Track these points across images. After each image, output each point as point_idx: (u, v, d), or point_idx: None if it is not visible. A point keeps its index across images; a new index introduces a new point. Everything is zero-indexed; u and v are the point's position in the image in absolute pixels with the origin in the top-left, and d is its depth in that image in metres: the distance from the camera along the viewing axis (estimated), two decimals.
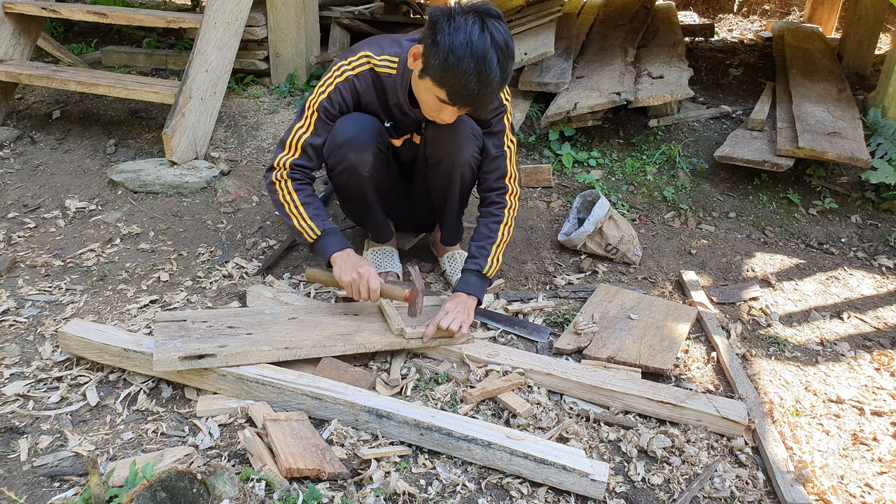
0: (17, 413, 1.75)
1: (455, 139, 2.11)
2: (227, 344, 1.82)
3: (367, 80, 2.09)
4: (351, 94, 2.10)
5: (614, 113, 3.55)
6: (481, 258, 2.17)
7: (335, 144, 2.10)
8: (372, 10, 4.34)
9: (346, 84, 2.08)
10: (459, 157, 2.14)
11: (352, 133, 2.09)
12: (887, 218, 3.10)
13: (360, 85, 2.09)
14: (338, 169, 2.15)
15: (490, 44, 1.78)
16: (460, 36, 1.77)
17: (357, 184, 2.19)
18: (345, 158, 2.11)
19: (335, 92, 2.08)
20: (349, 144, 2.09)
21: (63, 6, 3.44)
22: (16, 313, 2.16)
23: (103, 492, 1.38)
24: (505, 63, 1.82)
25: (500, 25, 1.81)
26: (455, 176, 2.20)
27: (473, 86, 1.80)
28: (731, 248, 2.88)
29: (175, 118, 3.01)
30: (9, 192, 2.96)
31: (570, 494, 1.61)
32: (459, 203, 2.34)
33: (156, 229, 2.73)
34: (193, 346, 1.79)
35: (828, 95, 3.55)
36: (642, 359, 2.03)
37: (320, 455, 1.59)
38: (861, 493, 1.69)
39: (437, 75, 1.82)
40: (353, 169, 2.13)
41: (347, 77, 2.08)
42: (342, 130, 2.10)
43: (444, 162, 2.17)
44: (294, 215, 2.09)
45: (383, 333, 2.00)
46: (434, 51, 1.81)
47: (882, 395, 2.06)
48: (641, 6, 4.64)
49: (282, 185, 2.10)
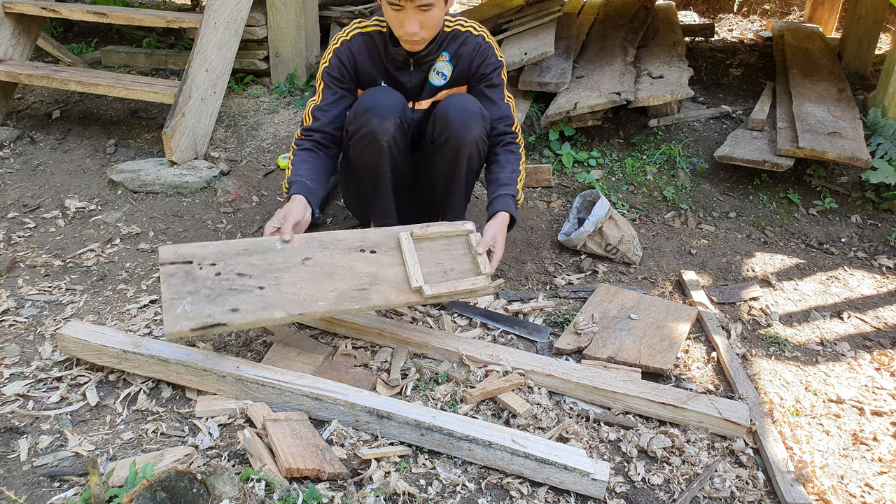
0: (17, 413, 1.75)
1: (464, 118, 2.17)
2: (239, 308, 1.72)
3: (359, 41, 2.24)
4: (347, 57, 2.24)
5: (614, 113, 3.55)
6: (513, 185, 2.23)
7: (360, 110, 2.20)
8: (372, 9, 4.34)
9: (342, 48, 2.24)
10: (467, 135, 2.18)
11: (377, 101, 2.18)
12: (887, 218, 3.10)
13: (355, 47, 2.24)
14: (358, 134, 2.19)
15: None
16: None
17: (374, 153, 2.21)
18: (367, 123, 2.16)
19: (334, 57, 2.24)
20: (373, 110, 2.16)
21: (63, 6, 3.44)
22: (16, 313, 2.16)
23: (103, 492, 1.38)
24: None
25: None
26: (462, 156, 2.22)
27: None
28: (731, 248, 2.88)
29: (175, 118, 3.01)
30: (9, 192, 2.96)
31: (571, 494, 1.60)
32: (465, 189, 2.35)
33: (156, 229, 2.73)
34: (204, 311, 1.69)
35: (828, 95, 3.55)
36: (642, 359, 2.03)
37: (320, 455, 1.59)
38: (861, 493, 1.69)
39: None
40: (372, 135, 2.17)
41: (342, 42, 2.24)
42: (368, 98, 2.21)
43: (452, 141, 2.19)
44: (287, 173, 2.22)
45: (401, 288, 1.90)
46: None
47: (882, 395, 2.06)
48: (641, 6, 4.64)
49: (292, 151, 2.26)
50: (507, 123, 2.32)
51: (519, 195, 2.25)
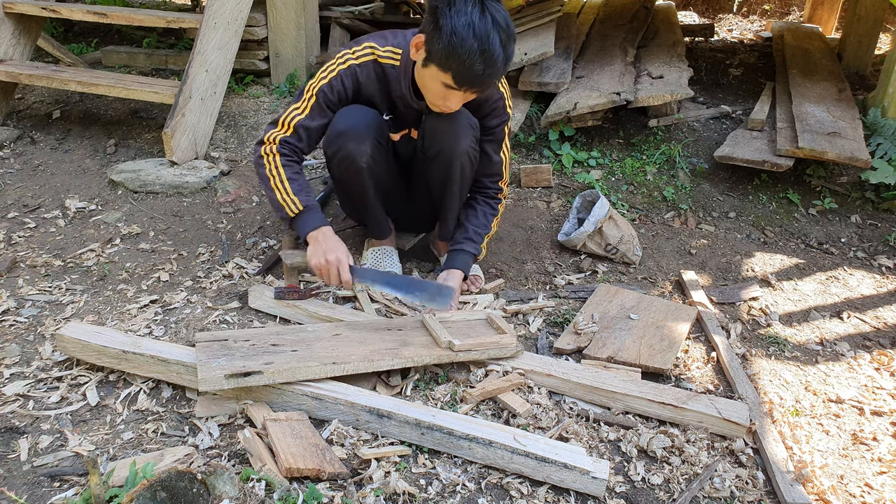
0: (17, 413, 1.75)
1: (453, 129, 2.13)
2: (273, 361, 1.76)
3: (369, 70, 2.11)
4: (352, 83, 2.12)
5: (614, 113, 3.55)
6: (478, 243, 2.34)
7: (334, 133, 2.13)
8: (372, 10, 4.34)
9: (349, 72, 2.10)
10: (457, 147, 2.16)
11: (351, 123, 2.11)
12: (887, 218, 3.10)
13: (362, 74, 2.11)
14: (336, 158, 2.17)
15: (492, 24, 1.82)
16: (462, 18, 1.80)
17: (354, 175, 2.20)
18: (342, 147, 2.13)
19: (336, 79, 2.10)
20: (347, 134, 2.11)
21: (63, 6, 3.44)
22: (16, 313, 2.16)
23: (103, 492, 1.38)
24: (507, 43, 1.86)
25: (499, 7, 1.86)
26: (455, 167, 2.21)
27: (478, 66, 1.83)
28: (731, 248, 2.88)
29: (175, 118, 3.01)
30: (9, 192, 2.96)
31: (571, 494, 1.61)
32: (460, 197, 2.35)
33: (156, 229, 2.73)
34: (238, 364, 1.73)
35: (828, 95, 3.55)
36: (642, 359, 2.03)
37: (320, 455, 1.59)
38: (861, 492, 1.69)
39: (442, 60, 1.85)
40: (351, 159, 2.14)
41: (350, 65, 2.10)
42: (342, 120, 2.12)
43: (443, 153, 2.18)
44: (278, 189, 2.10)
45: (431, 347, 1.94)
46: (437, 36, 1.84)
47: (882, 394, 2.06)
48: (641, 6, 4.64)
49: (270, 158, 2.11)
50: (495, 179, 2.35)
51: (482, 253, 2.36)
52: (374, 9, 4.37)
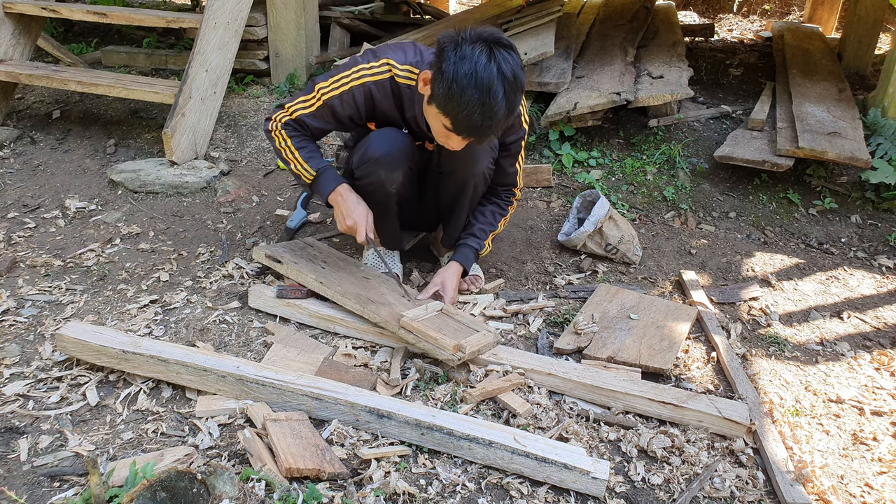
0: (17, 413, 1.75)
1: (472, 151, 2.09)
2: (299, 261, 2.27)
3: (385, 88, 2.06)
4: (364, 101, 2.07)
5: (614, 113, 3.55)
6: (482, 239, 2.34)
7: (367, 158, 2.11)
8: (372, 10, 4.34)
9: (362, 90, 2.04)
10: (475, 168, 2.16)
11: (385, 150, 2.09)
12: (887, 218, 3.10)
13: (378, 93, 2.06)
14: (365, 181, 2.16)
15: (496, 75, 1.73)
16: (465, 66, 1.73)
17: (382, 197, 2.21)
18: (374, 174, 2.12)
19: (348, 93, 2.05)
20: (381, 162, 2.10)
21: (63, 6, 3.44)
22: (16, 313, 2.16)
23: (103, 492, 1.38)
24: (512, 95, 1.78)
25: (509, 56, 1.77)
26: (469, 186, 2.23)
27: (477, 117, 1.77)
28: (731, 247, 2.88)
29: (175, 118, 3.01)
30: (9, 192, 2.96)
31: (570, 494, 1.61)
32: (469, 210, 2.36)
33: (156, 229, 2.73)
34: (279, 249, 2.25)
35: (828, 95, 3.55)
36: (642, 359, 2.03)
37: (320, 455, 1.59)
38: (861, 492, 1.69)
39: (442, 104, 1.80)
40: (381, 184, 2.15)
41: (366, 84, 2.04)
42: (376, 146, 2.09)
43: (459, 172, 2.19)
44: (291, 160, 2.14)
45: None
46: (439, 79, 1.78)
47: (882, 394, 2.06)
48: (641, 6, 4.64)
49: (276, 133, 2.15)
50: (508, 187, 2.36)
51: (485, 249, 2.37)
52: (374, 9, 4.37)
